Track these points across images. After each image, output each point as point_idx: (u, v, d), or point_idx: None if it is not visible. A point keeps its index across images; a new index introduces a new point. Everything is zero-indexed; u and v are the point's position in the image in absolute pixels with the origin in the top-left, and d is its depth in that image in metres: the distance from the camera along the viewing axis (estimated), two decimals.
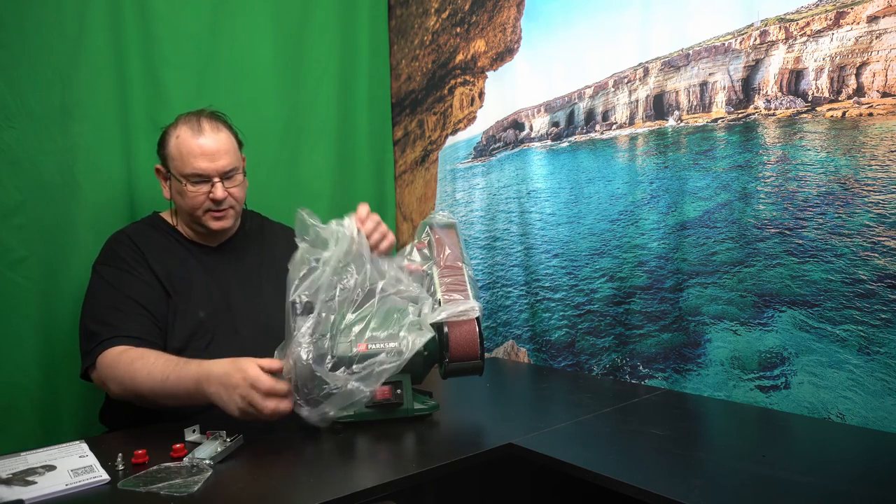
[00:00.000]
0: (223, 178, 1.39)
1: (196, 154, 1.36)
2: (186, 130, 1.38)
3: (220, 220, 1.42)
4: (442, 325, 1.15)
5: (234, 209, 1.44)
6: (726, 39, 1.30)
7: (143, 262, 1.37)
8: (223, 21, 1.80)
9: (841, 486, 0.84)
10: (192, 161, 1.36)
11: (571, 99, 1.64)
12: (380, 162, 2.21)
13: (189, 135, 1.38)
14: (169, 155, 1.39)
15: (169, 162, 1.39)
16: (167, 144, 1.40)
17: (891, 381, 1.06)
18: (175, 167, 1.38)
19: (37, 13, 1.48)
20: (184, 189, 1.37)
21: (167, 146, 1.40)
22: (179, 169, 1.37)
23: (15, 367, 1.43)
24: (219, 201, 1.39)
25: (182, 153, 1.37)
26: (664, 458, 0.96)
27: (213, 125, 1.41)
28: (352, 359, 1.06)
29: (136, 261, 1.36)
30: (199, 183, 1.37)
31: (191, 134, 1.38)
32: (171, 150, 1.38)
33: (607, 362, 1.54)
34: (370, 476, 0.91)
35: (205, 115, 1.42)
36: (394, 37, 2.22)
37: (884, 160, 1.08)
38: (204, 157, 1.37)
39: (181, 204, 1.41)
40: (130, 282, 1.33)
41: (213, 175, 1.38)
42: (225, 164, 1.39)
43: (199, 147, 1.37)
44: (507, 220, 1.82)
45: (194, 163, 1.36)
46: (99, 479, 0.90)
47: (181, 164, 1.37)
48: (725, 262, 1.30)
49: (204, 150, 1.37)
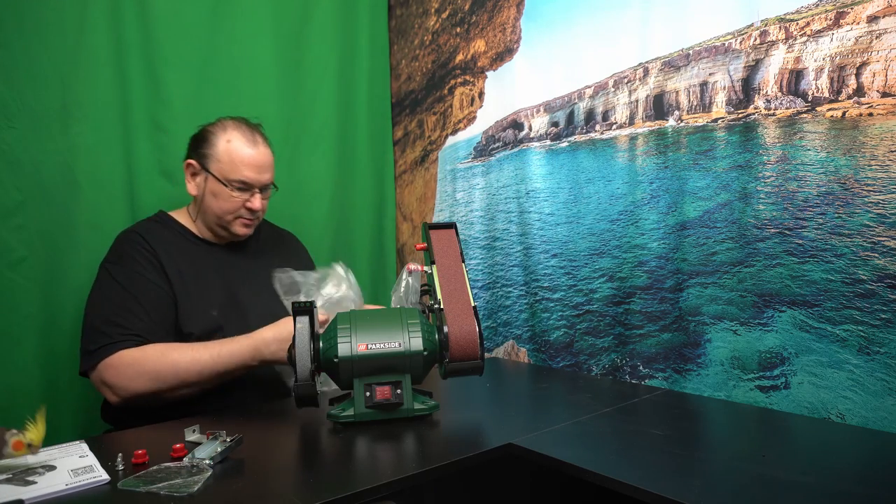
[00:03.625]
0: (262, 190, 1.46)
1: (247, 163, 1.42)
2: (240, 138, 1.43)
3: (247, 228, 1.49)
4: (442, 326, 1.16)
5: (258, 219, 1.51)
6: (726, 39, 1.30)
7: (154, 262, 1.37)
8: (223, 21, 1.80)
9: (841, 486, 0.84)
10: (243, 169, 1.41)
11: (571, 99, 1.64)
12: (380, 162, 2.21)
13: (243, 143, 1.43)
14: (214, 156, 1.42)
15: (212, 162, 1.42)
16: (213, 145, 1.42)
17: (891, 381, 1.06)
18: (220, 170, 1.41)
19: (37, 13, 1.48)
20: (224, 192, 1.41)
21: (213, 146, 1.42)
22: (226, 173, 1.41)
23: (15, 367, 1.43)
24: (254, 211, 1.45)
25: (233, 159, 1.41)
26: (664, 458, 0.96)
27: (263, 139, 1.48)
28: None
29: (147, 261, 1.37)
30: (242, 190, 1.43)
31: (245, 143, 1.43)
32: (220, 152, 1.41)
33: (607, 362, 1.54)
34: (370, 476, 0.91)
35: (255, 127, 1.48)
36: (394, 37, 2.22)
37: (884, 160, 1.08)
38: (254, 168, 1.43)
39: (213, 205, 1.43)
40: (141, 283, 1.34)
41: (256, 186, 1.44)
42: (268, 179, 1.47)
43: (252, 157, 1.43)
44: (507, 220, 1.82)
45: (244, 171, 1.42)
46: (99, 479, 0.90)
47: (229, 169, 1.41)
48: (725, 262, 1.30)
49: (255, 161, 1.43)
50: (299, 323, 1.10)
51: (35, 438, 0.92)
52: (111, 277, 1.34)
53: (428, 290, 1.28)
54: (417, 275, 1.40)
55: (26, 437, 0.92)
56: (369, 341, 1.12)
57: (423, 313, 1.22)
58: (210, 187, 1.42)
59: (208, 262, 1.45)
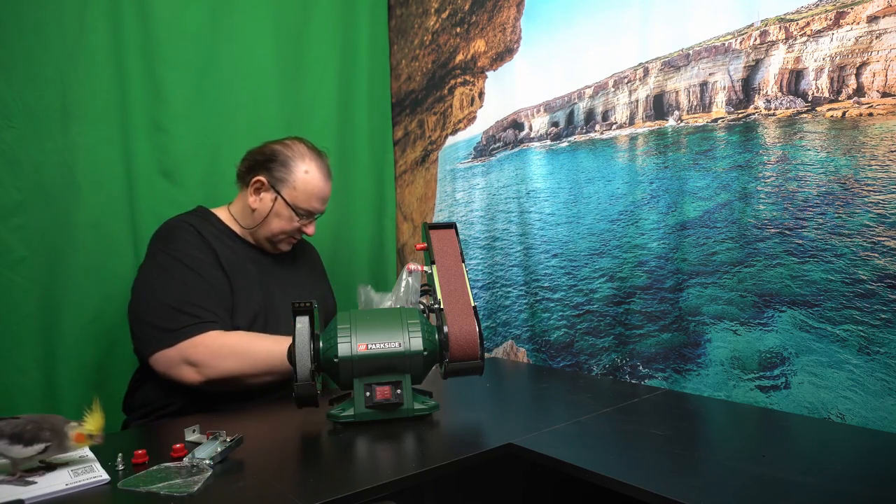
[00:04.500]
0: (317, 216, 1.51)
1: (319, 197, 1.48)
2: (318, 171, 1.47)
3: (290, 246, 1.54)
4: (442, 326, 1.16)
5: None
6: (726, 39, 1.30)
7: (210, 250, 1.39)
8: (223, 21, 1.80)
9: (841, 486, 0.84)
10: (314, 202, 1.48)
11: (571, 99, 1.64)
12: (380, 162, 2.21)
13: (320, 178, 1.47)
14: (289, 182, 1.44)
15: (285, 187, 1.44)
16: (291, 171, 1.44)
17: (891, 381, 1.06)
18: (293, 196, 1.45)
19: (37, 13, 1.48)
20: (289, 216, 1.45)
21: (291, 172, 1.44)
22: (296, 201, 1.45)
23: (15, 367, 1.43)
24: (307, 235, 1.53)
25: (308, 190, 1.46)
26: (664, 458, 0.96)
27: (330, 170, 1.52)
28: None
29: (203, 248, 1.39)
30: (305, 218, 1.48)
31: (322, 177, 1.48)
32: (296, 180, 1.44)
33: (607, 362, 1.54)
34: (370, 476, 0.91)
35: (326, 157, 1.52)
36: (394, 37, 2.22)
37: (884, 160, 1.08)
38: (322, 201, 1.50)
39: (272, 224, 1.46)
40: (205, 268, 1.36)
41: (317, 214, 1.49)
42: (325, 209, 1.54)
43: (323, 191, 1.49)
44: (507, 220, 1.82)
45: (315, 204, 1.48)
46: (99, 479, 0.90)
47: (302, 199, 1.45)
48: (725, 262, 1.30)
49: (324, 195, 1.50)
50: (299, 323, 1.10)
51: (94, 428, 0.94)
52: (176, 260, 1.35)
53: (428, 290, 1.28)
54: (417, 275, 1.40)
55: (85, 428, 0.93)
56: (369, 341, 1.12)
57: (423, 313, 1.22)
58: (277, 209, 1.45)
59: (248, 263, 1.47)
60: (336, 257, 2.06)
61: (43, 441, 0.89)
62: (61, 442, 0.91)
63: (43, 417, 0.92)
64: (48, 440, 0.89)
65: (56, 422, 0.91)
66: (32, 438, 0.88)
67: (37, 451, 0.89)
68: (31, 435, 0.88)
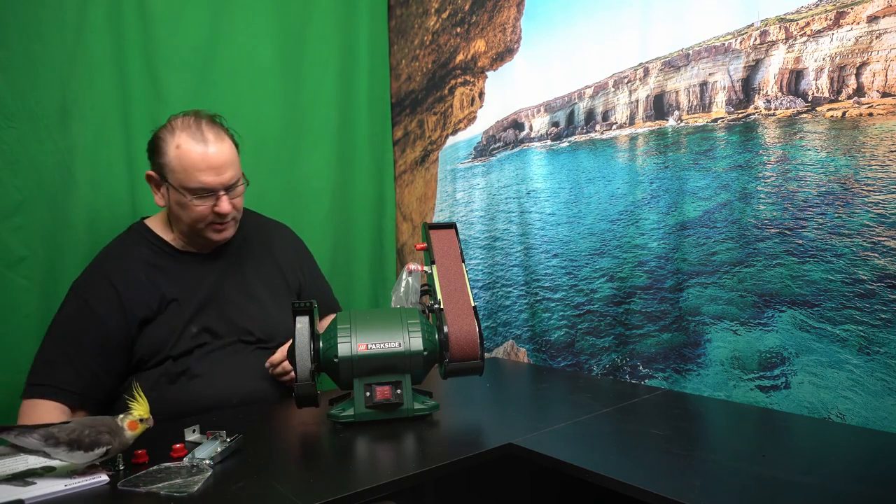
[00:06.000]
0: (227, 190, 1.33)
1: (201, 168, 1.28)
2: (188, 140, 1.29)
3: (223, 233, 1.38)
4: (442, 326, 1.16)
5: (235, 220, 1.40)
6: (726, 39, 1.30)
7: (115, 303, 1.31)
8: (223, 21, 1.80)
9: (841, 486, 0.84)
10: (198, 175, 1.28)
11: (571, 99, 1.64)
12: (380, 162, 2.21)
13: (191, 145, 1.28)
14: (167, 165, 1.30)
15: (167, 172, 1.30)
16: (164, 153, 1.30)
17: (891, 381, 1.06)
18: (176, 179, 1.29)
19: (37, 13, 1.48)
20: (186, 202, 1.30)
21: (164, 155, 1.30)
22: (182, 182, 1.29)
23: (15, 367, 1.43)
24: (223, 215, 1.34)
25: (185, 166, 1.28)
26: (664, 458, 0.96)
27: (216, 133, 1.32)
28: None
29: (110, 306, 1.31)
30: (204, 197, 1.31)
31: (193, 144, 1.28)
32: (171, 160, 1.29)
33: (607, 362, 1.54)
34: (370, 476, 0.91)
35: (204, 120, 1.33)
36: (394, 37, 2.22)
37: (884, 160, 1.08)
38: (210, 171, 1.29)
39: (181, 216, 1.34)
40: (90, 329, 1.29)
41: (218, 189, 1.31)
42: (231, 177, 1.32)
43: (205, 160, 1.28)
44: (507, 220, 1.82)
45: (200, 177, 1.28)
46: (99, 480, 0.90)
47: (184, 178, 1.29)
48: (725, 262, 1.30)
49: (210, 163, 1.29)
50: (299, 323, 1.10)
51: (144, 412, 0.94)
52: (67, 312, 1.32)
53: (428, 290, 1.28)
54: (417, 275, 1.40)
55: (135, 414, 0.93)
56: (369, 341, 1.12)
57: (423, 313, 1.22)
58: (173, 198, 1.32)
59: (187, 275, 1.39)
60: (336, 257, 2.06)
61: (104, 444, 0.89)
62: (120, 439, 0.91)
63: (94, 420, 0.92)
64: (108, 443, 0.90)
65: (107, 422, 0.92)
66: (93, 443, 0.89)
67: (98, 456, 0.89)
68: (91, 440, 0.89)
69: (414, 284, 1.39)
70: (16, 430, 0.88)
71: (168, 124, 1.33)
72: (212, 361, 1.34)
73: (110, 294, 1.31)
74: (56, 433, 0.88)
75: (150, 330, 1.32)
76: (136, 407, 0.94)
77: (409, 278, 1.39)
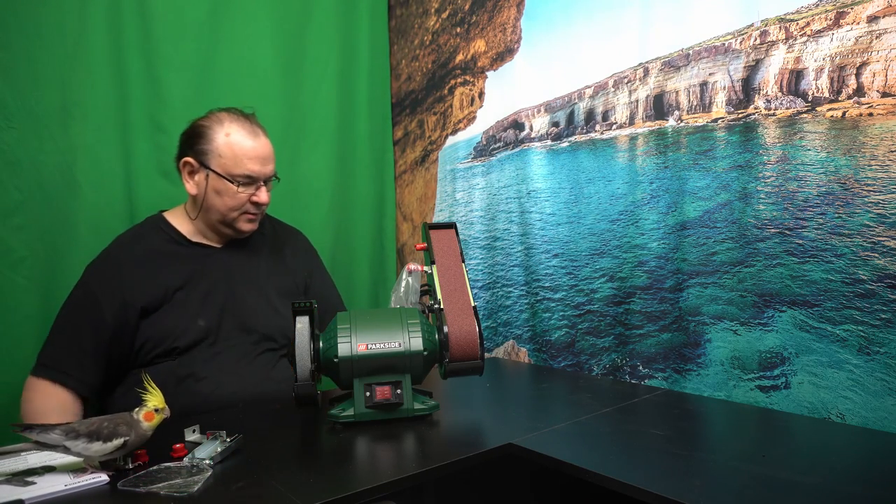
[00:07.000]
0: (266, 182, 1.41)
1: (251, 156, 1.36)
2: (240, 130, 1.36)
3: (252, 223, 1.43)
4: (442, 326, 1.16)
5: (263, 213, 1.46)
6: (726, 39, 1.30)
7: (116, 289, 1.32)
8: (223, 21, 1.80)
9: (841, 486, 0.84)
10: (247, 163, 1.35)
11: (571, 99, 1.64)
12: (380, 162, 2.21)
13: (243, 136, 1.36)
14: (214, 151, 1.35)
15: (212, 158, 1.35)
16: (211, 139, 1.36)
17: (891, 381, 1.06)
18: (223, 165, 1.35)
19: (37, 13, 1.48)
20: (229, 189, 1.36)
21: (211, 141, 1.36)
22: (229, 168, 1.35)
23: (15, 367, 1.43)
24: (259, 205, 1.40)
25: (235, 153, 1.35)
26: (664, 458, 0.96)
27: (262, 128, 1.41)
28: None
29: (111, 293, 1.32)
30: (247, 185, 1.37)
31: (245, 135, 1.36)
32: (220, 146, 1.35)
33: (607, 362, 1.54)
34: (370, 476, 0.91)
35: (251, 116, 1.42)
36: (394, 37, 2.22)
37: (884, 160, 1.08)
38: (258, 161, 1.37)
39: (216, 203, 1.38)
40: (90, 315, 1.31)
41: (261, 178, 1.39)
42: (272, 170, 1.41)
43: (255, 150, 1.36)
44: (507, 220, 1.82)
45: (249, 165, 1.36)
46: (99, 480, 0.90)
47: (232, 165, 1.35)
48: (725, 262, 1.30)
49: (258, 153, 1.37)
50: (299, 323, 1.10)
51: (159, 402, 0.95)
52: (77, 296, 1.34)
53: (428, 290, 1.28)
54: (417, 275, 1.40)
55: (150, 405, 0.94)
56: (369, 341, 1.12)
57: (423, 313, 1.22)
58: (213, 185, 1.36)
59: (198, 268, 1.40)
60: (336, 257, 2.06)
61: (122, 436, 0.91)
62: (137, 431, 0.92)
63: (112, 416, 0.94)
64: (126, 434, 0.91)
65: (124, 416, 0.93)
66: (111, 434, 0.90)
67: (116, 447, 0.90)
68: (109, 431, 0.90)
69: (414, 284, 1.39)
70: (38, 428, 0.90)
71: (212, 115, 1.40)
72: (219, 363, 1.35)
73: (113, 280, 1.34)
74: (77, 427, 0.90)
75: (155, 318, 1.34)
76: (150, 398, 0.95)
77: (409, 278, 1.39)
